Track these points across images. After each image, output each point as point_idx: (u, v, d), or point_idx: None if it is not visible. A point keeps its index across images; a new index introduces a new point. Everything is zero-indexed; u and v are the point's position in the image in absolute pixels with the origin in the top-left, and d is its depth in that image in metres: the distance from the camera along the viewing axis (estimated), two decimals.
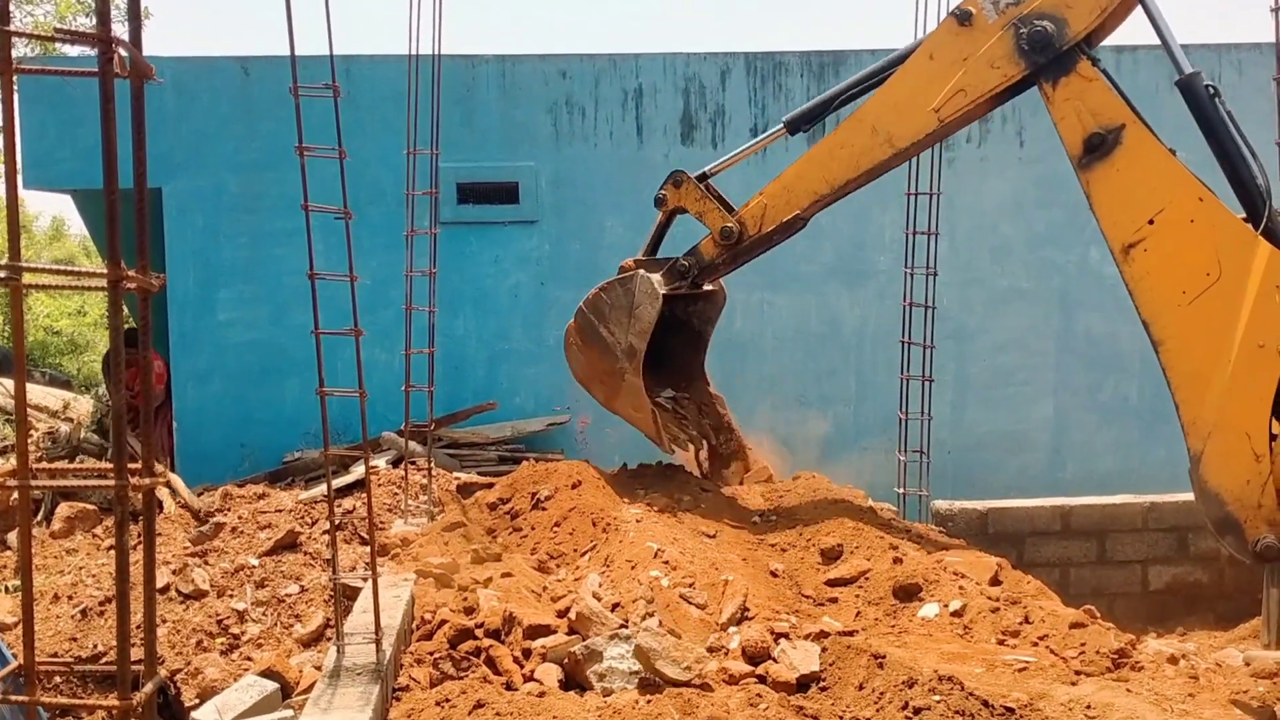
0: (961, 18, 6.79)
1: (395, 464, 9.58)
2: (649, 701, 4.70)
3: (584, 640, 5.24)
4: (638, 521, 6.92)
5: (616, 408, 8.04)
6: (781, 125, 7.67)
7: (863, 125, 7.16)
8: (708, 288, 8.39)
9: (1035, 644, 5.57)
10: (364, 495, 7.30)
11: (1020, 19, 6.65)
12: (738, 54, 11.75)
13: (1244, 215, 6.36)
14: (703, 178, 7.93)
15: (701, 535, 7.00)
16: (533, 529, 7.40)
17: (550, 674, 5.13)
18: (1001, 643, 5.62)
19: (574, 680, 5.15)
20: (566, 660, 5.20)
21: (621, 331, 7.76)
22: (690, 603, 5.81)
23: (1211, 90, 6.38)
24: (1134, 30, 6.64)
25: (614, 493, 7.71)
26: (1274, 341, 6.11)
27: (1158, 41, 6.49)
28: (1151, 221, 6.37)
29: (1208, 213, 6.29)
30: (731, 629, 5.58)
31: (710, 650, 5.28)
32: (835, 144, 7.32)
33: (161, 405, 11.53)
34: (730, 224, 7.63)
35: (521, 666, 5.25)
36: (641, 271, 7.83)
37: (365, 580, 5.67)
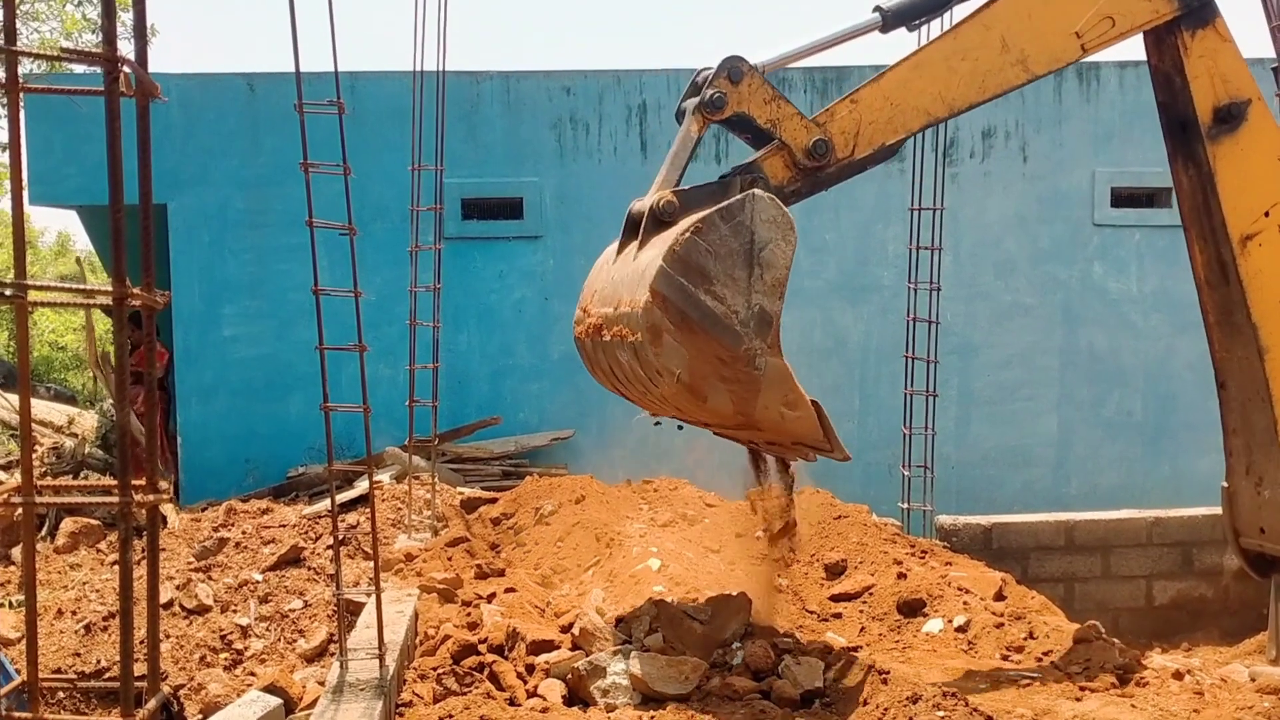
0: None
1: (399, 479, 9.57)
2: (652, 718, 4.70)
3: (587, 656, 5.24)
4: (641, 536, 6.92)
5: (759, 414, 5.12)
6: (876, 14, 5.82)
7: (990, 35, 5.72)
8: None
9: (1040, 659, 5.56)
10: (368, 510, 7.30)
11: None
12: None
13: None
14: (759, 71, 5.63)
15: (706, 550, 7.00)
16: (536, 544, 7.40)
17: (553, 690, 5.13)
18: (1006, 658, 5.61)
19: (577, 696, 5.15)
20: (570, 676, 5.20)
21: (737, 291, 4.96)
22: (694, 618, 5.80)
23: None
24: (1142, 47, 6.49)
25: (617, 508, 7.71)
26: None
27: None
28: (1267, 214, 5.89)
29: None
30: (735, 644, 5.58)
31: (714, 666, 5.28)
32: (954, 52, 5.70)
33: (165, 413, 11.54)
34: (823, 136, 5.51)
35: (525, 682, 5.24)
36: (756, 192, 5.09)
37: (369, 595, 5.67)
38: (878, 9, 5.76)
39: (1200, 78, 5.86)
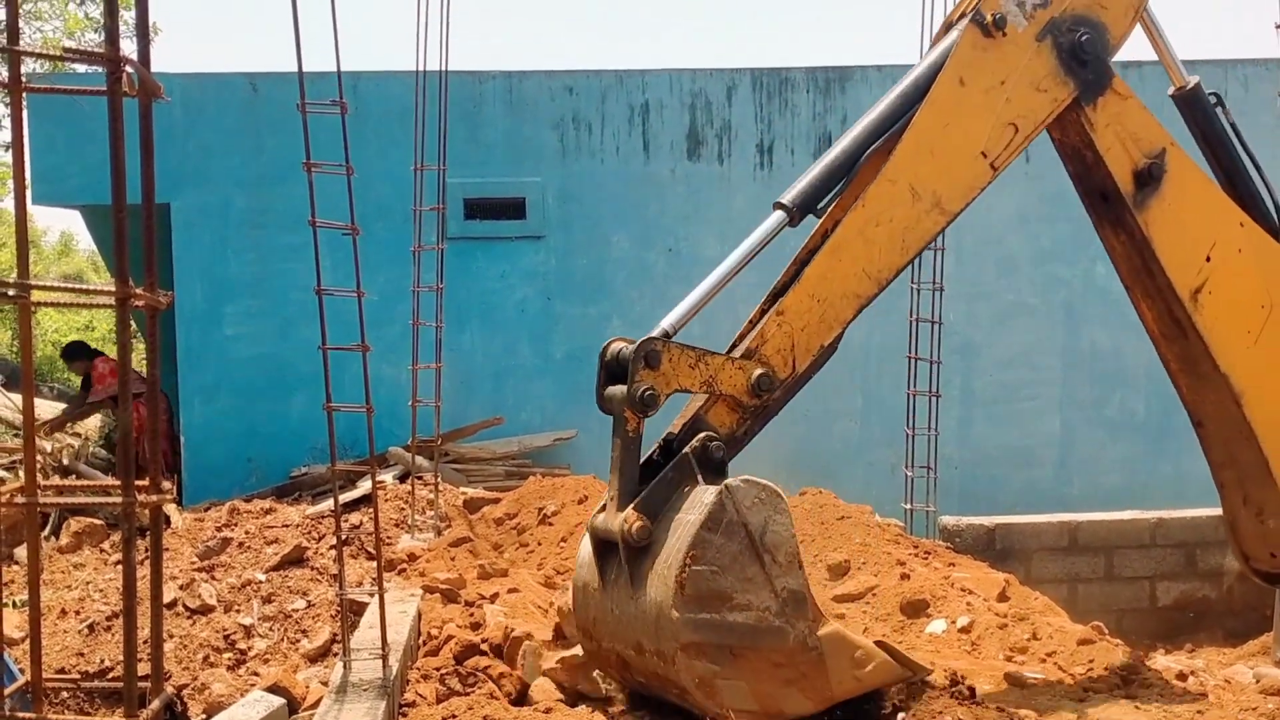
0: (989, 25, 5.09)
1: (402, 479, 9.58)
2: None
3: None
4: None
5: (837, 691, 4.65)
6: (781, 213, 5.15)
7: (897, 188, 5.13)
8: None
9: (1043, 660, 5.56)
10: (371, 510, 7.29)
11: (1053, 24, 5.18)
12: (744, 70, 11.78)
13: None
14: (667, 337, 4.89)
15: None
16: (539, 544, 7.40)
17: (556, 690, 5.12)
18: (1009, 659, 5.61)
19: (581, 696, 5.15)
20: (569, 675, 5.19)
21: (760, 589, 4.55)
22: None
23: (1215, 99, 5.75)
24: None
25: None
26: None
27: (1162, 56, 6.08)
28: (1209, 259, 5.43)
29: (1251, 238, 5.53)
30: None
31: None
32: (867, 221, 5.15)
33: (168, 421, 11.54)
34: (763, 370, 4.95)
35: (527, 683, 5.24)
36: (728, 483, 4.67)
37: (372, 596, 5.67)
38: (778, 205, 5.14)
39: (1113, 148, 5.38)
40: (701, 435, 4.86)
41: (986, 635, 5.81)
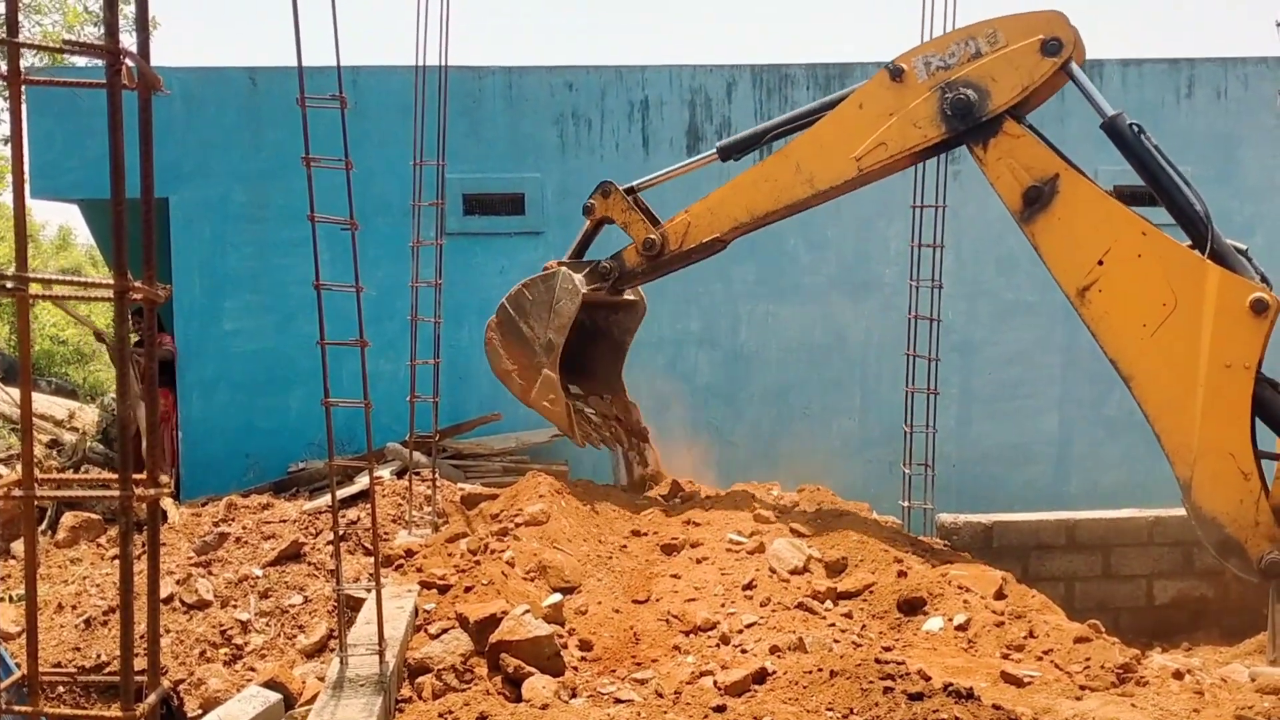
0: (894, 73, 7.02)
1: (400, 475, 9.57)
2: (652, 712, 4.69)
3: None
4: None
5: (532, 401, 8.13)
6: (714, 150, 7.93)
7: (788, 161, 7.41)
8: (629, 297, 8.67)
9: (1040, 658, 5.55)
10: (368, 506, 7.30)
11: (947, 84, 6.91)
12: (744, 66, 11.77)
13: (1189, 243, 6.54)
14: (631, 190, 8.13)
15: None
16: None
17: (552, 686, 5.13)
18: (1006, 657, 5.61)
19: (578, 692, 5.15)
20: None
21: (541, 327, 7.92)
22: (696, 616, 5.81)
23: (1136, 128, 6.61)
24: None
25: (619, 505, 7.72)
26: (1239, 359, 6.27)
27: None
28: (1101, 262, 6.58)
29: (1153, 245, 6.49)
30: (735, 640, 5.59)
31: (715, 660, 5.27)
32: (761, 175, 7.55)
33: (166, 413, 11.53)
34: (654, 236, 7.88)
35: (522, 679, 5.24)
36: (564, 269, 7.98)
37: (369, 591, 5.67)
38: (717, 148, 7.95)
39: (1003, 176, 6.85)
40: (610, 257, 8.13)
41: (983, 633, 5.81)
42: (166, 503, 9.05)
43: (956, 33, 7.05)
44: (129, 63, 2.14)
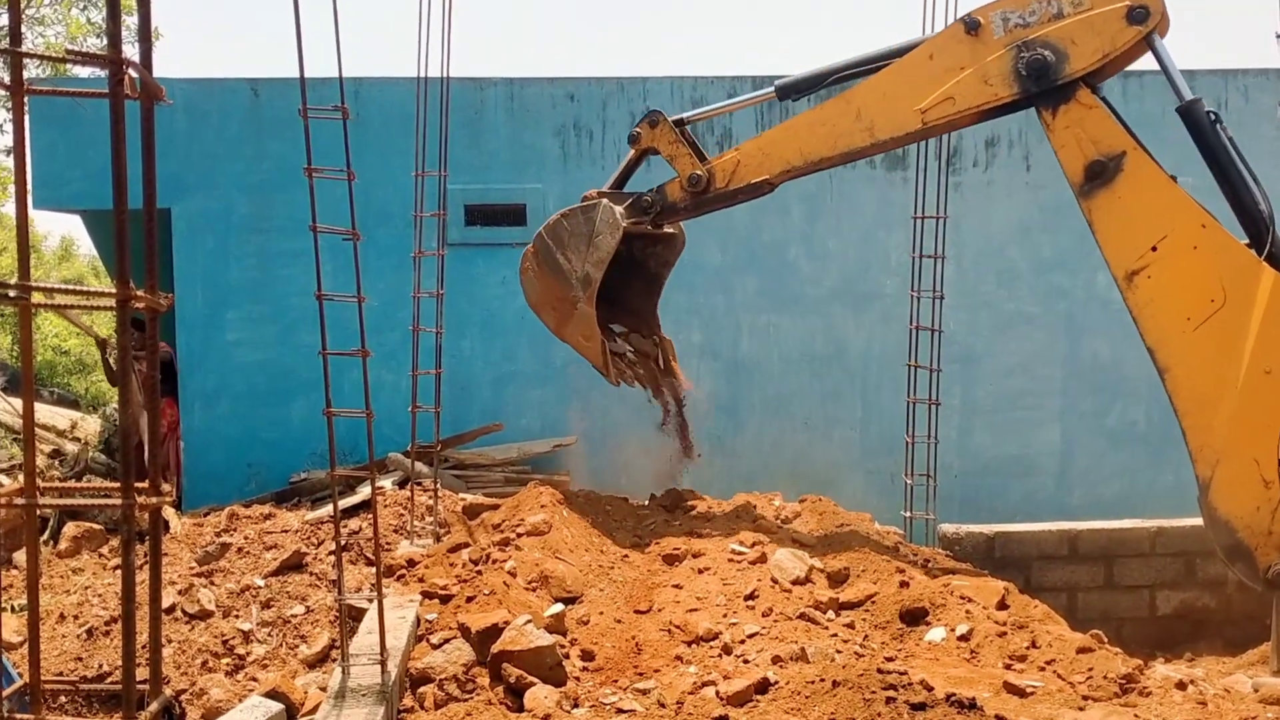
0: (970, 26, 6.69)
1: (401, 485, 9.57)
2: None
3: None
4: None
5: (566, 335, 7.87)
6: (773, 89, 7.52)
7: (849, 107, 7.08)
8: (668, 230, 8.33)
9: (1042, 669, 5.54)
10: (370, 516, 7.30)
11: (1025, 42, 6.57)
12: (744, 77, 11.78)
13: (1247, 241, 6.38)
14: (680, 123, 7.81)
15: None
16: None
17: (554, 696, 5.12)
18: (1009, 667, 5.60)
19: (580, 702, 5.14)
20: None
21: (579, 259, 7.61)
22: (698, 627, 5.80)
23: (1213, 116, 6.39)
24: (1143, 59, 6.64)
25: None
26: None
27: (1166, 74, 6.53)
28: (1155, 248, 6.36)
29: (1211, 239, 6.28)
30: (737, 650, 5.58)
31: (718, 670, 5.27)
32: (818, 119, 7.23)
33: (173, 426, 11.54)
34: (700, 171, 7.54)
35: (524, 689, 5.24)
36: (605, 200, 7.67)
37: (371, 601, 5.67)
38: (776, 86, 7.51)
39: (1068, 145, 6.59)
40: (653, 190, 7.74)
41: (986, 643, 5.80)
42: (168, 512, 9.06)
43: None
44: (132, 73, 2.15)
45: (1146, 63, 6.71)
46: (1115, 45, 6.46)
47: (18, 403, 13.10)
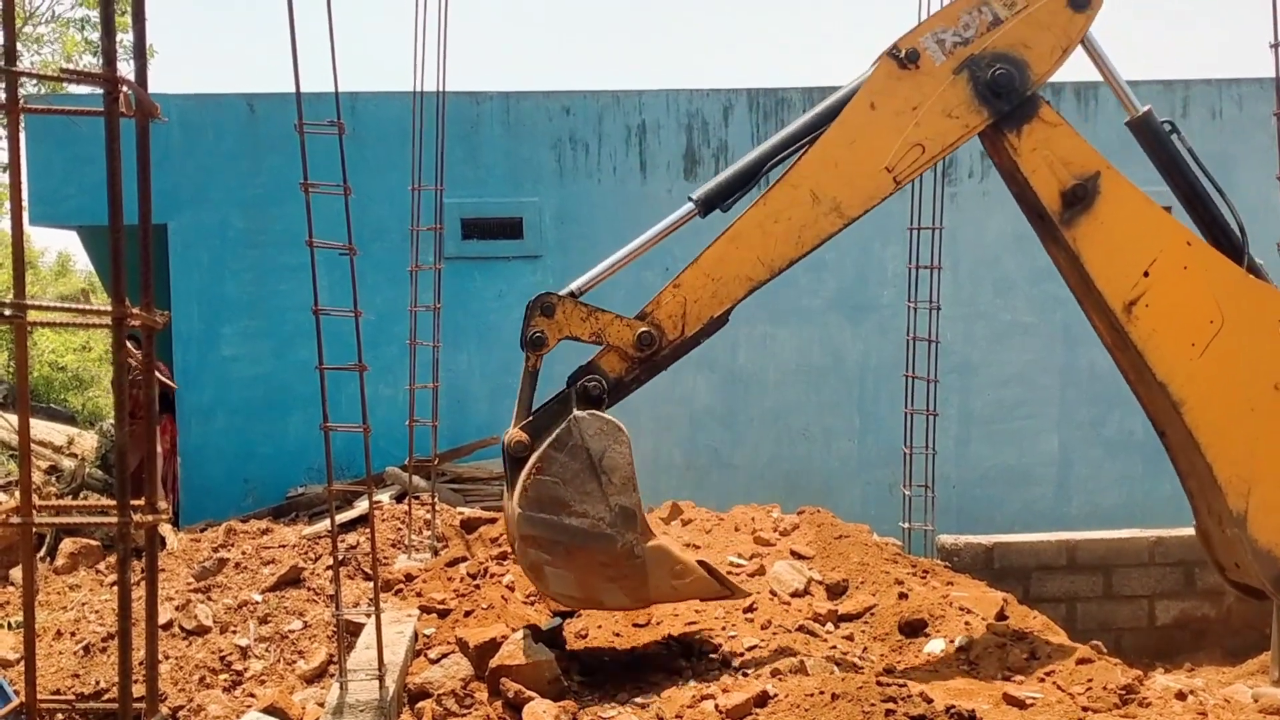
0: (906, 59, 5.75)
1: (399, 499, 9.56)
2: None
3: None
4: None
5: (653, 595, 5.72)
6: (691, 205, 5.91)
7: (798, 192, 5.85)
8: None
9: (1042, 680, 5.54)
10: (367, 530, 7.28)
11: (972, 60, 5.74)
12: (740, 90, 11.82)
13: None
14: (572, 296, 6.06)
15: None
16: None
17: (553, 710, 5.11)
18: (1008, 679, 5.59)
19: (579, 716, 5.13)
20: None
21: (595, 502, 5.58)
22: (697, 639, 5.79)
23: (1169, 126, 6.01)
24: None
25: None
26: None
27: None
28: (1147, 274, 5.82)
29: (1199, 257, 5.88)
30: (736, 663, 5.57)
31: (717, 683, 5.26)
32: (767, 216, 5.84)
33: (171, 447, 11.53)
34: (647, 328, 5.80)
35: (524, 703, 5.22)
36: (575, 414, 5.78)
37: (368, 616, 5.65)
38: (690, 198, 5.91)
39: (1039, 170, 5.80)
40: (587, 375, 5.89)
41: (985, 654, 5.80)
42: (165, 529, 9.04)
43: (960, 0, 5.81)
44: (127, 91, 2.16)
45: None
46: (1070, 38, 5.81)
47: (14, 419, 13.07)
